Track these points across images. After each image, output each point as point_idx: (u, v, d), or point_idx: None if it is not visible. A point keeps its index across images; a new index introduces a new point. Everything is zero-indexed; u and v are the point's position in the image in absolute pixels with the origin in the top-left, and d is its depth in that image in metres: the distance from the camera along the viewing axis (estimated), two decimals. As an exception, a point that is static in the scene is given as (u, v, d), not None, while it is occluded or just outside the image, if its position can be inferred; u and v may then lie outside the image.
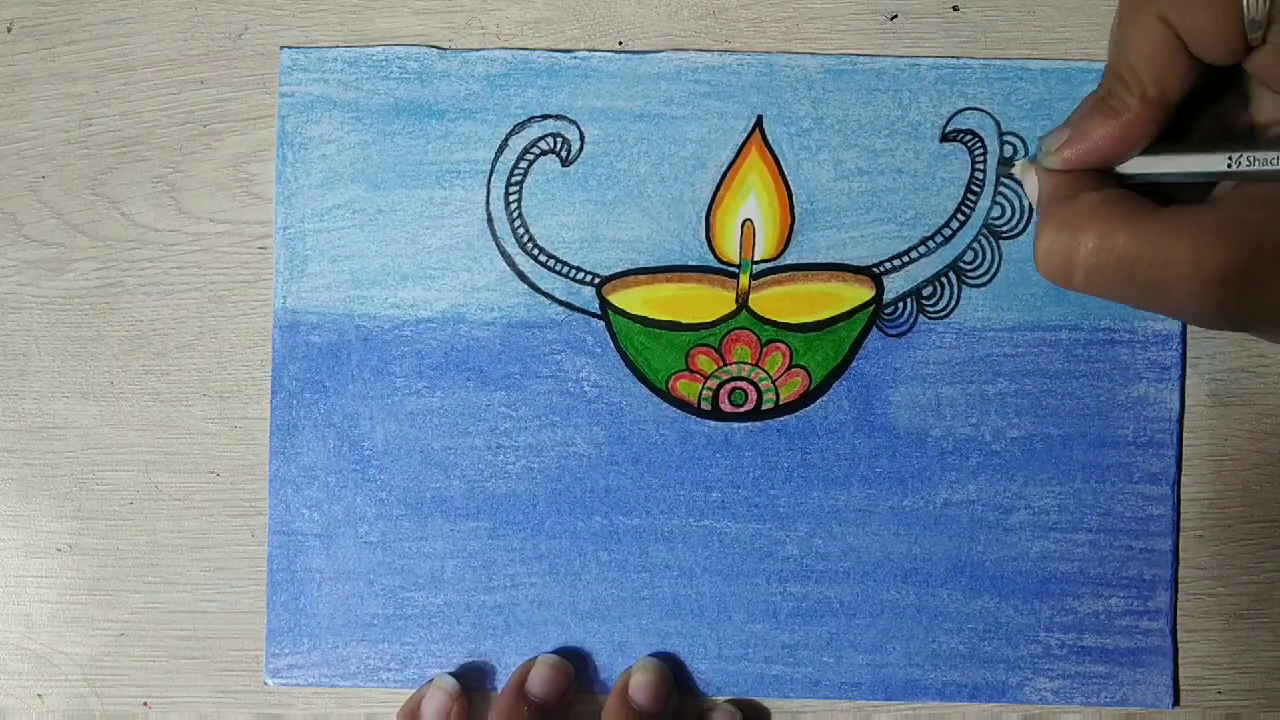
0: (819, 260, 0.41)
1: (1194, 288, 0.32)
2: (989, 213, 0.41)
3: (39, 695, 0.42)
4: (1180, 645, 0.41)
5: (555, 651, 0.41)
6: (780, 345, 0.41)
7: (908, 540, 0.41)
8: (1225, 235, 0.32)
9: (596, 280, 0.41)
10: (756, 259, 0.41)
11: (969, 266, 0.41)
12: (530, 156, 0.41)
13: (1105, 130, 0.34)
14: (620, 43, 0.41)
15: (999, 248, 0.41)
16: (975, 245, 0.41)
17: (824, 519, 0.41)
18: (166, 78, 0.41)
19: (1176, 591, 0.41)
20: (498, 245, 0.41)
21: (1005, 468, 0.41)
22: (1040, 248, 0.34)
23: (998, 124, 0.40)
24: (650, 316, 0.41)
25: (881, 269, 0.41)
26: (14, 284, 0.42)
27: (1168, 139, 0.35)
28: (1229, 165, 0.34)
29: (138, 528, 0.42)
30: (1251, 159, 0.33)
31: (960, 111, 0.40)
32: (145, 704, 0.42)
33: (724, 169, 0.41)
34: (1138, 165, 0.35)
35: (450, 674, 0.41)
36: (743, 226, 0.41)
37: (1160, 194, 0.35)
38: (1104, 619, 0.41)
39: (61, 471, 0.42)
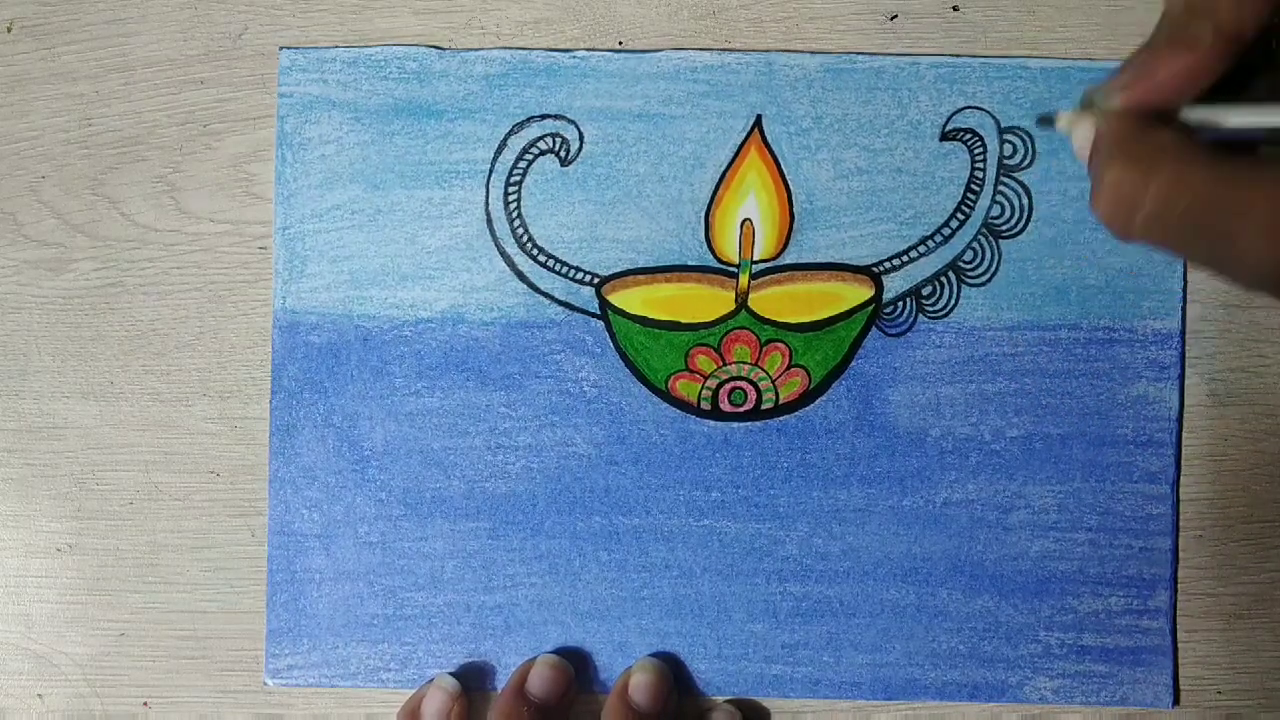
0: (818, 260, 0.41)
1: (1263, 241, 0.31)
2: (988, 212, 0.40)
3: (39, 695, 0.42)
4: (1180, 645, 0.41)
5: (555, 651, 0.41)
6: (780, 345, 0.41)
7: (907, 540, 0.41)
8: None
9: (596, 280, 0.41)
10: (756, 259, 0.41)
11: (968, 266, 0.41)
12: (529, 156, 0.41)
13: (1174, 65, 0.33)
14: (620, 42, 0.41)
15: (998, 247, 0.40)
16: (975, 245, 0.41)
17: (823, 519, 0.41)
18: (166, 78, 0.41)
19: (1176, 590, 0.41)
20: (497, 245, 0.41)
21: (1005, 467, 0.41)
22: (1106, 183, 0.32)
23: (997, 122, 0.40)
24: (650, 316, 0.41)
25: (881, 268, 0.41)
26: (14, 284, 0.42)
27: (1221, 95, 0.34)
28: None
29: (138, 528, 0.42)
30: None
31: (960, 110, 0.40)
32: (145, 704, 0.42)
33: (723, 168, 0.41)
34: (1202, 114, 0.34)
35: (450, 674, 0.41)
36: (742, 226, 0.41)
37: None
38: (1104, 618, 0.41)
39: (61, 471, 0.42)
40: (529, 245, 0.41)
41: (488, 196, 0.41)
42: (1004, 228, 0.41)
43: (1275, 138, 0.34)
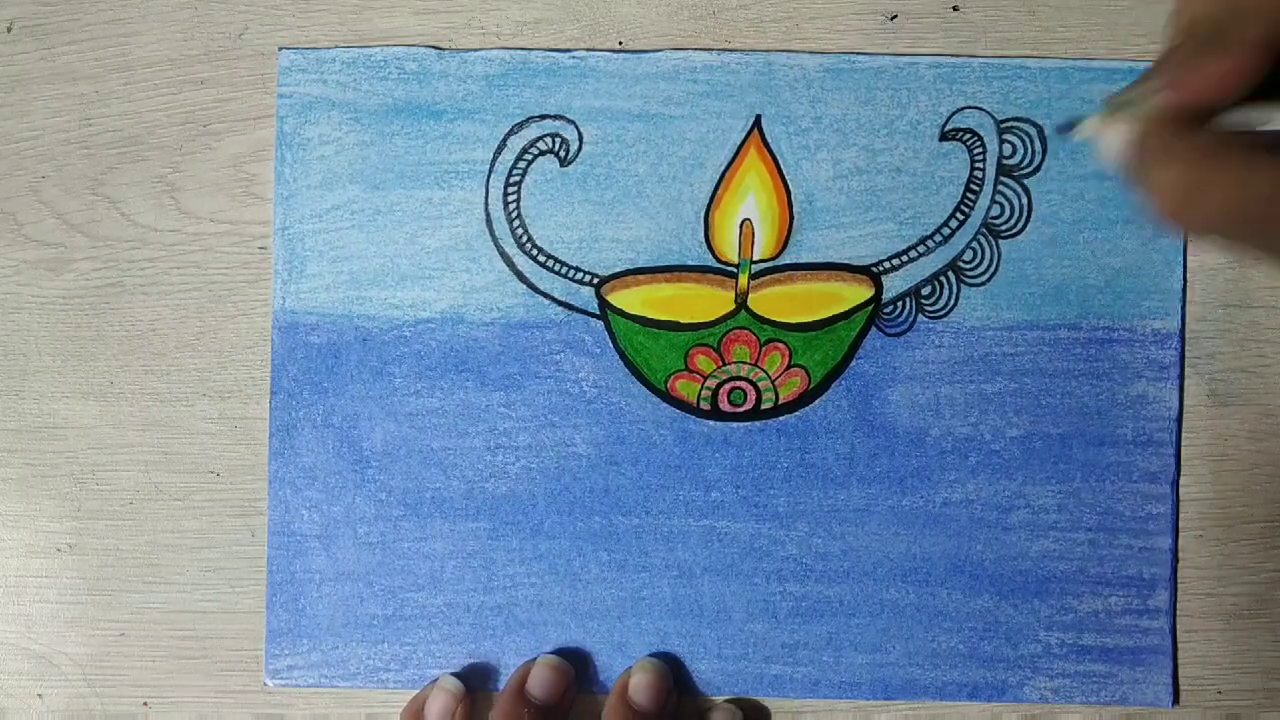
0: (818, 260, 0.41)
1: None
2: (988, 212, 0.41)
3: (39, 695, 0.42)
4: (1180, 645, 0.41)
5: (555, 651, 0.41)
6: (779, 345, 0.41)
7: (907, 540, 0.41)
8: None
9: (595, 280, 0.41)
10: (755, 259, 0.41)
11: (968, 266, 0.41)
12: (529, 156, 0.41)
13: (1216, 69, 0.33)
14: (620, 43, 0.41)
15: (998, 247, 0.41)
16: (974, 244, 0.41)
17: (823, 518, 0.41)
18: (166, 78, 0.41)
19: (1176, 590, 0.41)
20: (496, 245, 0.41)
21: (1004, 467, 0.41)
22: (1166, 183, 0.32)
23: (997, 122, 0.40)
24: (649, 316, 0.41)
25: (880, 268, 0.41)
26: (14, 284, 0.42)
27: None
28: None
29: (138, 528, 0.42)
30: None
31: (959, 110, 0.40)
32: (145, 704, 0.42)
33: (722, 169, 0.41)
34: (1242, 116, 0.33)
35: (452, 675, 0.41)
36: (741, 226, 0.41)
37: None
38: (1103, 618, 0.41)
39: (61, 471, 0.42)
40: (528, 245, 0.41)
41: (487, 197, 0.41)
42: (1003, 227, 0.41)
43: None
